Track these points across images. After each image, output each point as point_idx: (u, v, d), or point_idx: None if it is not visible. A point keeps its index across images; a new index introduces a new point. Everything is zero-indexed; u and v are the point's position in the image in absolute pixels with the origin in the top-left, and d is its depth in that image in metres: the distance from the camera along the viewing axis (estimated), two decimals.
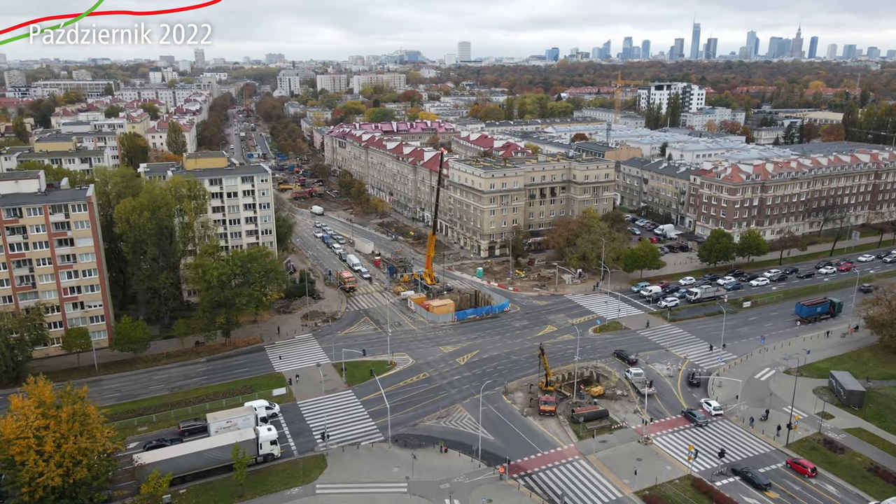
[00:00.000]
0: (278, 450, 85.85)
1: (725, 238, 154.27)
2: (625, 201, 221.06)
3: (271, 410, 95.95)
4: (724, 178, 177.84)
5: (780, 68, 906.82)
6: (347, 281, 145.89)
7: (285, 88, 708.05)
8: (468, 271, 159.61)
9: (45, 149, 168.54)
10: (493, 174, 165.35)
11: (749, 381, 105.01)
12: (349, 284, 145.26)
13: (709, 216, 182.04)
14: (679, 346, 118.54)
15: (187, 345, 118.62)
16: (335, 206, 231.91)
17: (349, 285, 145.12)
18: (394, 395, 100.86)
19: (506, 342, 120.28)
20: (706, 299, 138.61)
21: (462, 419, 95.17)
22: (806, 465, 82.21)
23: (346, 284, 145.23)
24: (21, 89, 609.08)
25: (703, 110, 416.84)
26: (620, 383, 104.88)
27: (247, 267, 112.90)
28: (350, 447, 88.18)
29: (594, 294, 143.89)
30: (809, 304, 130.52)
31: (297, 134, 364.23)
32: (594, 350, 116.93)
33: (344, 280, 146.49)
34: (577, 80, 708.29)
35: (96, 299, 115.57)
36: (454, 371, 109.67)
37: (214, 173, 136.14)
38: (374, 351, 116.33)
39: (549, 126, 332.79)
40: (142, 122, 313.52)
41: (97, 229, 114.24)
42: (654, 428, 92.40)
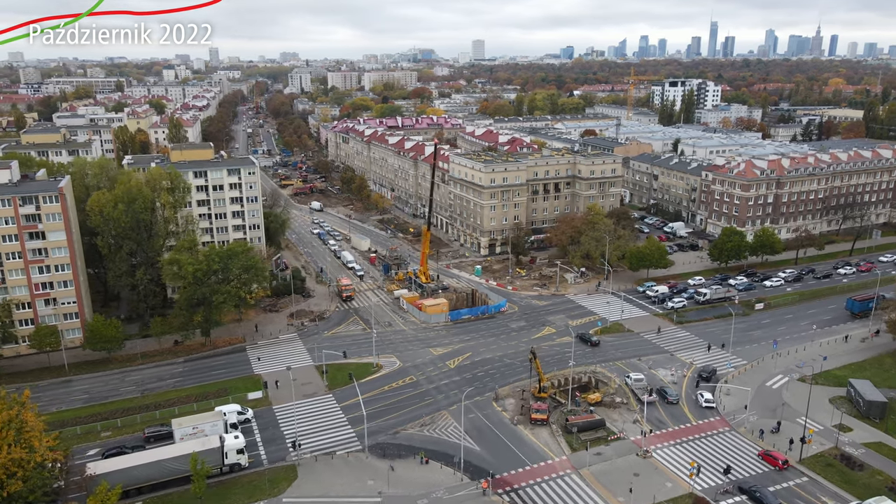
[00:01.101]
0: (246, 459, 79.68)
1: (737, 236, 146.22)
2: (634, 198, 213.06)
3: (244, 416, 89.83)
4: (737, 173, 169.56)
5: (799, 66, 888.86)
6: (345, 289, 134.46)
7: (296, 86, 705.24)
8: (467, 269, 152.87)
9: (32, 140, 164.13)
10: (493, 168, 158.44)
11: (760, 389, 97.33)
12: (346, 293, 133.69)
13: (721, 213, 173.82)
14: (685, 351, 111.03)
15: (166, 344, 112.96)
16: (336, 202, 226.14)
17: (346, 294, 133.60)
18: (376, 401, 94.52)
19: (500, 344, 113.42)
20: (716, 300, 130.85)
21: (447, 427, 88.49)
22: (777, 458, 79.11)
23: (343, 293, 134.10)
24: (34, 86, 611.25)
25: (718, 107, 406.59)
26: (620, 390, 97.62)
27: (225, 263, 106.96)
28: (324, 457, 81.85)
29: (597, 294, 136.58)
30: (861, 298, 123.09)
31: (303, 130, 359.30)
32: (594, 353, 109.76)
33: (341, 287, 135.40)
34: (592, 78, 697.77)
35: (70, 296, 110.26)
36: (443, 375, 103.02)
37: (199, 165, 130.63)
38: (360, 352, 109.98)
39: (559, 122, 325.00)
40: (146, 118, 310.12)
41: (70, 222, 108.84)
42: (655, 440, 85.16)
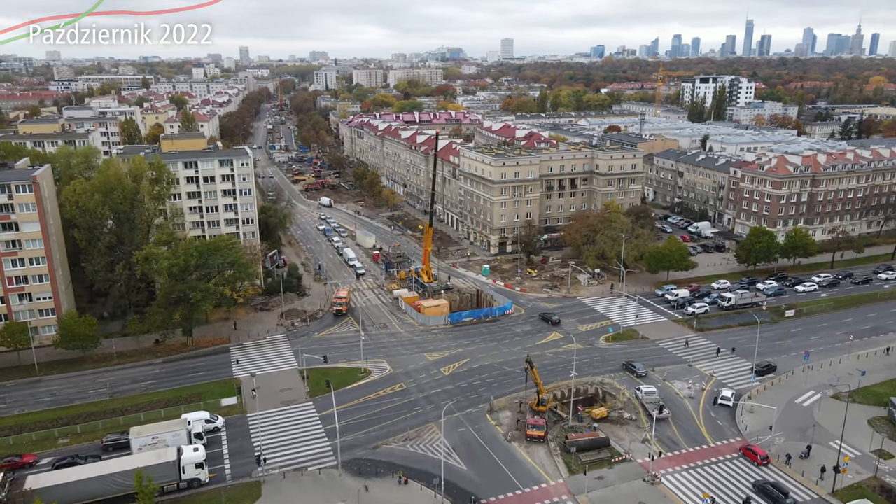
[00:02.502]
0: (206, 474, 72.15)
1: (767, 236, 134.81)
2: (657, 197, 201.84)
3: (212, 424, 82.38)
4: (768, 169, 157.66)
5: (838, 65, 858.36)
6: (337, 302, 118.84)
7: (322, 83, 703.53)
8: (474, 269, 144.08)
9: (28, 131, 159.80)
10: (504, 162, 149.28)
11: (788, 407, 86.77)
12: (336, 307, 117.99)
13: (750, 213, 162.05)
14: (705, 361, 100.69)
15: (146, 343, 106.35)
16: (347, 197, 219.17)
17: (336, 308, 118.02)
18: (358, 410, 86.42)
19: (501, 350, 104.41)
20: (741, 306, 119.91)
21: (434, 442, 79.84)
22: (757, 453, 75.13)
23: (335, 307, 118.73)
24: (65, 83, 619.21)
25: (751, 104, 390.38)
26: (629, 404, 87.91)
27: (206, 258, 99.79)
28: (293, 473, 73.89)
29: (611, 297, 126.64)
30: None
31: (321, 126, 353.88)
32: (603, 362, 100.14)
33: (335, 300, 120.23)
34: (621, 77, 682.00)
35: (45, 291, 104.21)
36: (435, 383, 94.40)
37: (189, 155, 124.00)
38: (349, 356, 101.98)
39: (583, 119, 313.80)
40: (164, 113, 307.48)
41: (46, 213, 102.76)
42: (665, 463, 75.44)
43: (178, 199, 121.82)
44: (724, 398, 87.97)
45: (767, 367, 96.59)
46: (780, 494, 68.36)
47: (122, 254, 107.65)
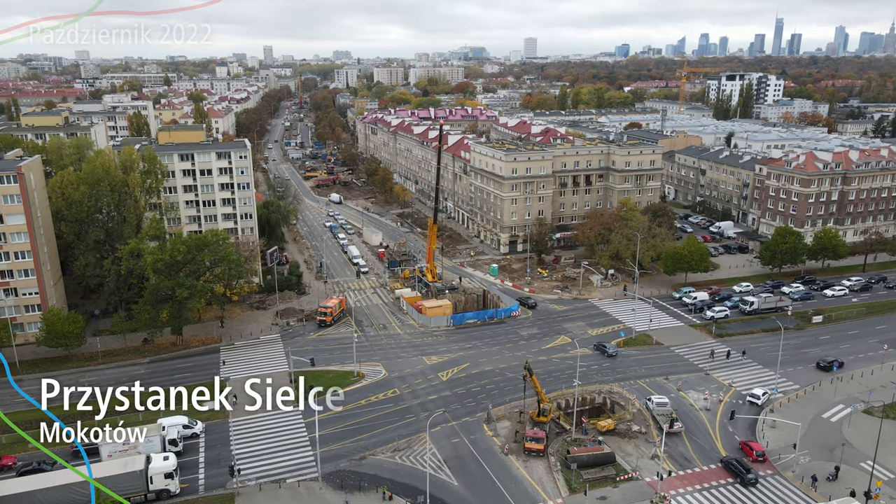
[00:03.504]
0: (177, 485, 67.22)
1: (793, 237, 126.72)
2: (678, 195, 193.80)
3: (191, 429, 77.56)
4: (795, 166, 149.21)
5: (871, 63, 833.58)
6: (323, 311, 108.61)
7: (342, 82, 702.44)
8: (483, 268, 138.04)
9: (31, 123, 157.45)
10: (515, 157, 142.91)
11: (814, 423, 79.49)
12: (320, 318, 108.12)
13: (776, 212, 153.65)
14: (723, 370, 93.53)
15: (134, 342, 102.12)
16: (358, 194, 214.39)
17: (320, 318, 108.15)
18: (346, 417, 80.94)
19: (504, 355, 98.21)
20: (765, 311, 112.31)
21: (425, 454, 73.97)
22: (754, 448, 72.98)
23: (318, 317, 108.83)
24: (90, 81, 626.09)
25: (779, 102, 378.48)
26: (640, 416, 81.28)
27: (193, 254, 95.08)
28: (271, 485, 68.68)
29: (625, 299, 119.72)
30: None
31: (337, 123, 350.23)
32: (613, 369, 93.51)
33: (320, 309, 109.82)
34: (646, 75, 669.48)
35: (30, 286, 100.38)
36: (431, 389, 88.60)
37: (186, 148, 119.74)
38: (343, 359, 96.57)
39: (603, 116, 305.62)
40: (181, 109, 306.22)
41: (33, 206, 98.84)
42: (676, 483, 68.77)
43: (173, 193, 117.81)
44: (752, 396, 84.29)
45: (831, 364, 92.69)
46: (742, 470, 69.77)
47: (112, 248, 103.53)
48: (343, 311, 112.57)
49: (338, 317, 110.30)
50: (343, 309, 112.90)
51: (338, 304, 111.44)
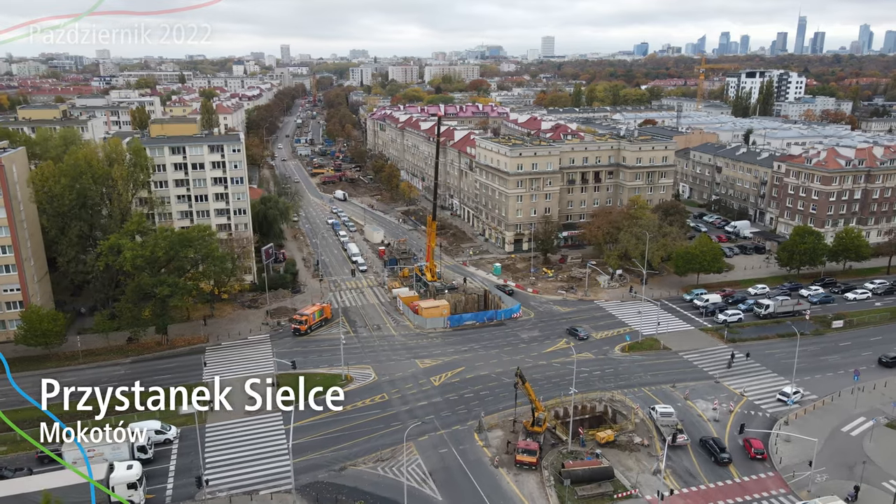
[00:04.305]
0: (140, 495, 62.92)
1: (812, 237, 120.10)
2: (693, 194, 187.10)
3: (164, 435, 73.40)
4: (816, 163, 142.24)
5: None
6: (299, 320, 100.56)
7: (357, 80, 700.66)
8: (486, 267, 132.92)
9: (28, 116, 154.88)
10: (520, 153, 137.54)
11: (832, 437, 73.45)
12: (294, 325, 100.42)
13: (795, 211, 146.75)
14: (735, 377, 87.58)
15: (118, 341, 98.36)
16: (364, 191, 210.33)
17: (294, 326, 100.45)
18: (329, 424, 76.38)
19: (502, 358, 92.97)
20: (781, 315, 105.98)
21: (409, 465, 69.18)
22: (752, 444, 70.81)
23: (292, 325, 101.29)
24: (106, 79, 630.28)
25: (801, 99, 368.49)
26: (643, 427, 75.70)
27: (176, 251, 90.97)
28: (242, 497, 64.21)
29: (633, 301, 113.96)
30: None
31: (348, 120, 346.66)
32: (616, 375, 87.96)
33: (294, 317, 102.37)
34: (664, 73, 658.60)
35: (12, 282, 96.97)
36: (422, 394, 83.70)
37: (177, 141, 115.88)
38: (333, 361, 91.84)
39: (618, 113, 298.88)
40: (191, 105, 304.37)
41: (14, 199, 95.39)
42: (678, 502, 63.22)
43: (164, 187, 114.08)
44: (782, 394, 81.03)
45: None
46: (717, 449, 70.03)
47: (96, 244, 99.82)
48: (326, 318, 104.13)
49: (316, 325, 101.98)
50: (326, 317, 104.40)
51: (318, 312, 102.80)
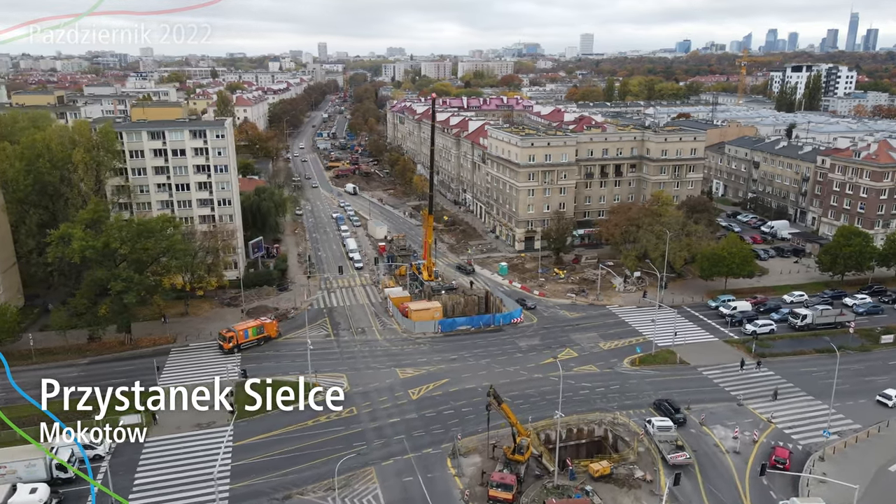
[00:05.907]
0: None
1: (859, 239, 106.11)
2: (728, 191, 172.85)
3: (94, 450, 64.63)
4: (865, 157, 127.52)
5: None
6: (224, 337, 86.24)
7: (389, 76, 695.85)
8: (492, 266, 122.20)
9: (23, 102, 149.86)
10: (532, 143, 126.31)
11: (878, 476, 60.78)
12: (220, 341, 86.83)
13: (841, 210, 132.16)
14: (762, 400, 75.12)
15: (79, 340, 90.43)
16: (377, 185, 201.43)
17: (220, 342, 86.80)
18: (284, 441, 66.78)
19: (493, 370, 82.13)
20: (821, 326, 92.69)
21: (365, 495, 59.10)
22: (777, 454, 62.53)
23: (218, 339, 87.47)
24: (143, 74, 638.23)
25: (851, 95, 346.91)
26: (646, 457, 64.07)
27: (134, 242, 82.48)
28: None
29: (650, 307, 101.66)
30: None
31: (371, 114, 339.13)
32: (622, 393, 76.29)
33: (221, 332, 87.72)
34: (705, 70, 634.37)
35: None
36: (396, 409, 73.47)
37: (156, 125, 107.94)
38: (306, 367, 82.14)
39: (651, 108, 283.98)
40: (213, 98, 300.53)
41: None
42: None
43: (142, 175, 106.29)
44: (883, 395, 73.49)
45: None
46: (672, 410, 68.94)
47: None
48: (267, 337, 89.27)
49: (250, 344, 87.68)
50: (267, 335, 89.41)
51: (254, 329, 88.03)
